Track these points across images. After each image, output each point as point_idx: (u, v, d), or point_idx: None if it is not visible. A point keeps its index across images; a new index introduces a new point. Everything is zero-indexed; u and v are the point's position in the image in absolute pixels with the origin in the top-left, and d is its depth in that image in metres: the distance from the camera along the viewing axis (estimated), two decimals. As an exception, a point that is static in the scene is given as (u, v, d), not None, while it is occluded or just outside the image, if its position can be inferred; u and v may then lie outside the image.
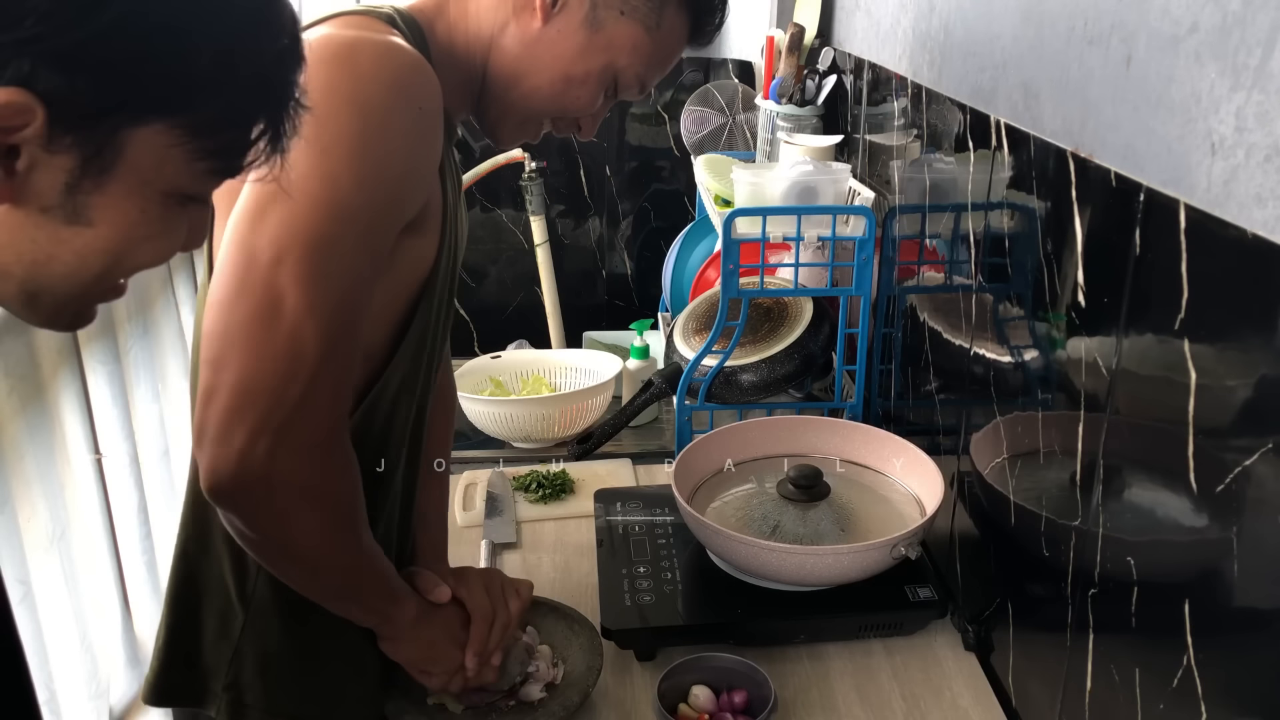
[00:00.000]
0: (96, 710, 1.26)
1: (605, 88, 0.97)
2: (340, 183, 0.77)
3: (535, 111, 0.97)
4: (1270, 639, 0.65)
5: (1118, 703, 0.83)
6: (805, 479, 1.22)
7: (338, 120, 0.77)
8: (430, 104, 0.84)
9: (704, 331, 1.57)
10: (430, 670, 0.98)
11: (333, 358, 0.78)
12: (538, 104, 0.96)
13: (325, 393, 0.78)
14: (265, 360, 0.76)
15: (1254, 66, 0.66)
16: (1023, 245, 1.00)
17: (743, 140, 2.00)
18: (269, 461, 0.76)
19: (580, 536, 1.40)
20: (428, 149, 0.85)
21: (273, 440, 0.76)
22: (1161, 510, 0.78)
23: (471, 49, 0.94)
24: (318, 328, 0.76)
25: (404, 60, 0.82)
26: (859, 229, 1.41)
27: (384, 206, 0.81)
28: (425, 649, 0.97)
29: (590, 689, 1.04)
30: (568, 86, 0.94)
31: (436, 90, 0.85)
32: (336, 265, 0.78)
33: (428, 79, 0.84)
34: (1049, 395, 0.96)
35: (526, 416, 1.72)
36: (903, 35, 1.37)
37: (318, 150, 0.76)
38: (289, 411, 0.76)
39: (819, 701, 1.09)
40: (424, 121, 0.83)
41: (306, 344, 0.76)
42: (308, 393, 0.76)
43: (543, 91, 0.95)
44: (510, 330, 2.19)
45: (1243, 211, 0.67)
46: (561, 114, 0.98)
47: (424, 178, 0.86)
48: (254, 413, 0.76)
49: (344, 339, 0.79)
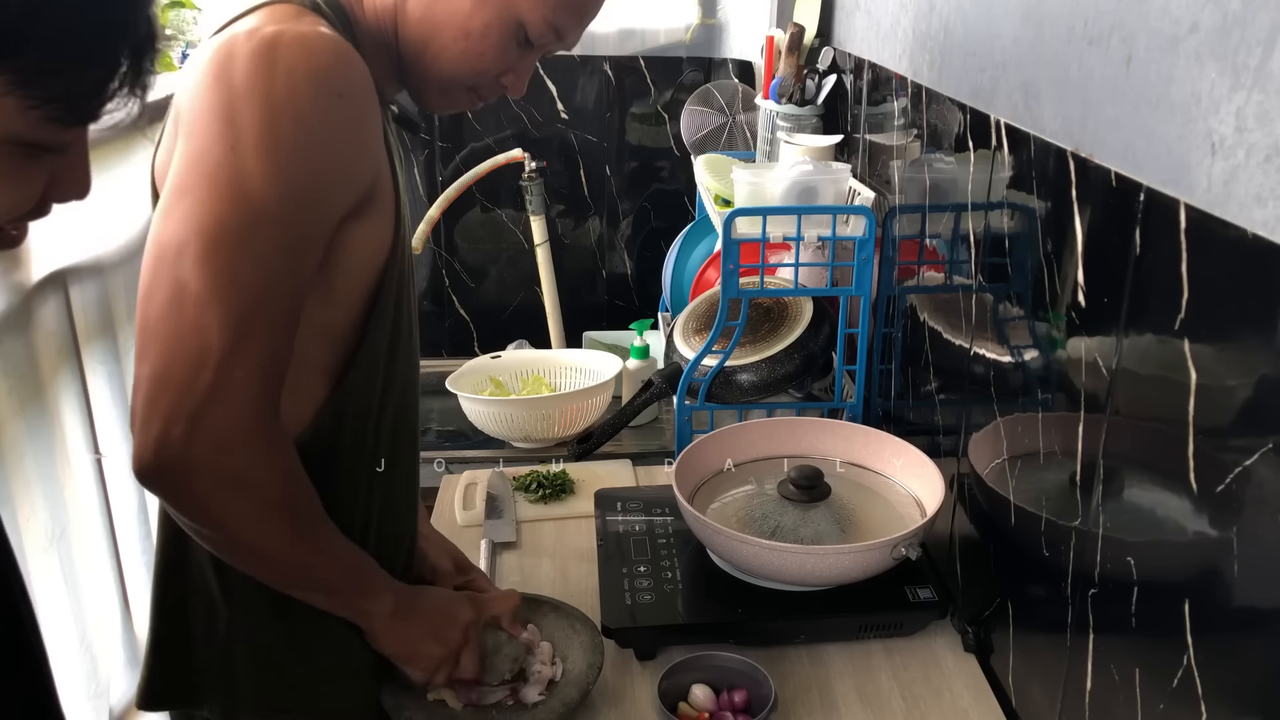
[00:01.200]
0: (96, 710, 1.26)
1: (513, 38, 0.94)
2: (249, 176, 0.78)
3: (449, 75, 0.96)
4: (1270, 639, 0.65)
5: (1118, 703, 0.83)
6: (806, 480, 1.22)
7: (250, 114, 0.78)
8: (353, 89, 0.84)
9: (704, 331, 1.57)
10: (412, 663, 0.99)
11: (244, 347, 0.78)
12: (448, 66, 0.95)
13: (240, 381, 0.78)
14: (174, 350, 0.77)
15: (1254, 66, 0.66)
16: (1023, 245, 1.00)
17: (743, 140, 2.00)
18: (185, 448, 0.77)
19: (580, 537, 1.40)
20: (358, 134, 0.86)
21: (186, 427, 0.77)
22: (1161, 510, 0.78)
23: (383, 22, 0.95)
24: (223, 317, 0.77)
25: (321, 48, 0.82)
26: (859, 229, 1.41)
27: (304, 198, 0.81)
28: (405, 643, 0.97)
29: (590, 687, 1.04)
30: (469, 42, 0.93)
31: (360, 75, 0.85)
32: (244, 257, 0.78)
33: (348, 64, 0.84)
34: (1049, 395, 0.96)
35: (526, 416, 1.72)
36: (903, 35, 1.37)
37: (228, 145, 0.78)
38: (200, 399, 0.77)
39: (819, 701, 1.09)
40: (348, 108, 0.83)
41: (211, 333, 0.77)
42: (218, 381, 0.77)
43: (449, 51, 0.94)
44: (510, 330, 2.19)
45: (1243, 211, 0.67)
46: (476, 74, 0.96)
47: (359, 163, 0.87)
48: (167, 401, 0.77)
49: (259, 329, 0.79)
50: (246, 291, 0.78)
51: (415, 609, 0.98)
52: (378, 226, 0.91)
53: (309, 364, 0.91)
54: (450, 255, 2.41)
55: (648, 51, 2.35)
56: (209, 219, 0.77)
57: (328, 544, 0.90)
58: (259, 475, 0.82)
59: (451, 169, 2.33)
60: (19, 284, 1.12)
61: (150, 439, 0.77)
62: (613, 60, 2.32)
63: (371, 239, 0.91)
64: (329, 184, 0.84)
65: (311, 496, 0.88)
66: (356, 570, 0.93)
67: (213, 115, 0.79)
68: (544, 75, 2.30)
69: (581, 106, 2.35)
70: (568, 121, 2.35)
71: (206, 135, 0.79)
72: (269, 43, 0.80)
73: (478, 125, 2.32)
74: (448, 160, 2.34)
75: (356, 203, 0.87)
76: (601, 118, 2.36)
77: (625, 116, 2.37)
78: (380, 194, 0.90)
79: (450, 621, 1.00)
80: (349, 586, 0.93)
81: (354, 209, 0.87)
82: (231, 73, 0.79)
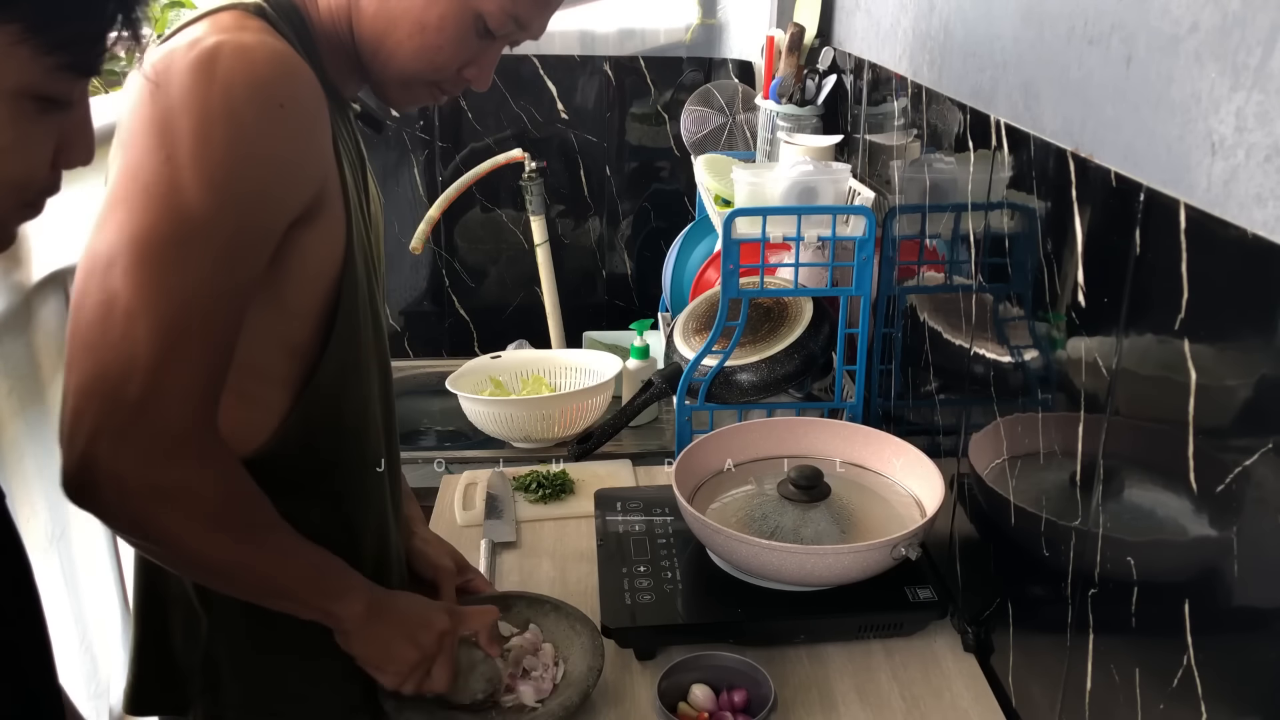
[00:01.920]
0: (96, 710, 1.26)
1: (471, 30, 0.91)
2: (183, 188, 0.77)
3: (407, 71, 0.93)
4: (1270, 639, 0.65)
5: (1118, 703, 0.83)
6: (806, 480, 1.22)
7: (185, 126, 0.77)
8: (296, 99, 0.82)
9: (704, 331, 1.57)
10: (383, 668, 0.97)
11: (174, 360, 0.77)
12: (406, 62, 0.93)
13: (170, 395, 0.77)
14: (100, 362, 0.76)
15: (1254, 66, 0.66)
16: (1023, 245, 1.00)
17: (743, 140, 2.00)
18: (112, 463, 0.76)
19: (580, 537, 1.40)
20: (300, 145, 0.84)
21: (113, 441, 0.76)
22: (1161, 510, 0.78)
23: (338, 19, 0.93)
24: (152, 329, 0.76)
25: (261, 58, 0.80)
26: (859, 229, 1.41)
27: (241, 210, 0.80)
28: (377, 645, 0.95)
29: (591, 689, 1.04)
30: (425, 36, 0.91)
31: (304, 84, 0.83)
32: (175, 268, 0.77)
33: (290, 74, 0.82)
34: (1049, 395, 0.96)
35: (526, 416, 1.72)
36: (903, 35, 1.37)
37: (163, 157, 0.77)
38: (128, 413, 0.76)
39: (819, 702, 1.09)
40: (289, 119, 0.82)
41: (139, 345, 0.76)
42: (147, 395, 0.76)
43: (405, 47, 0.92)
44: (510, 330, 2.19)
45: (1243, 211, 0.67)
46: (435, 69, 0.93)
47: (302, 174, 0.85)
48: (92, 414, 0.76)
49: (189, 342, 0.78)
50: (177, 303, 0.77)
51: (388, 611, 0.96)
52: (328, 235, 0.89)
53: (268, 375, 0.90)
54: (450, 255, 2.41)
55: (648, 51, 2.35)
56: (141, 230, 0.76)
57: (282, 550, 0.88)
58: (191, 489, 0.80)
59: (451, 169, 2.33)
60: (19, 284, 1.12)
61: (76, 454, 0.76)
62: (613, 60, 2.32)
63: (321, 247, 0.89)
64: (268, 196, 0.82)
65: (256, 505, 0.86)
66: (320, 574, 0.91)
67: (150, 127, 0.78)
68: (544, 75, 2.30)
69: (581, 106, 2.35)
70: (568, 121, 2.35)
71: (142, 147, 0.78)
72: (208, 54, 0.78)
73: (478, 125, 2.32)
74: (448, 160, 2.34)
75: (302, 213, 0.86)
76: (601, 118, 2.36)
77: (625, 116, 2.36)
78: (328, 202, 0.88)
79: (425, 626, 0.98)
80: (313, 591, 0.91)
81: (300, 218, 0.86)
82: (169, 84, 0.78)
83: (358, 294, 0.93)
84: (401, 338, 2.43)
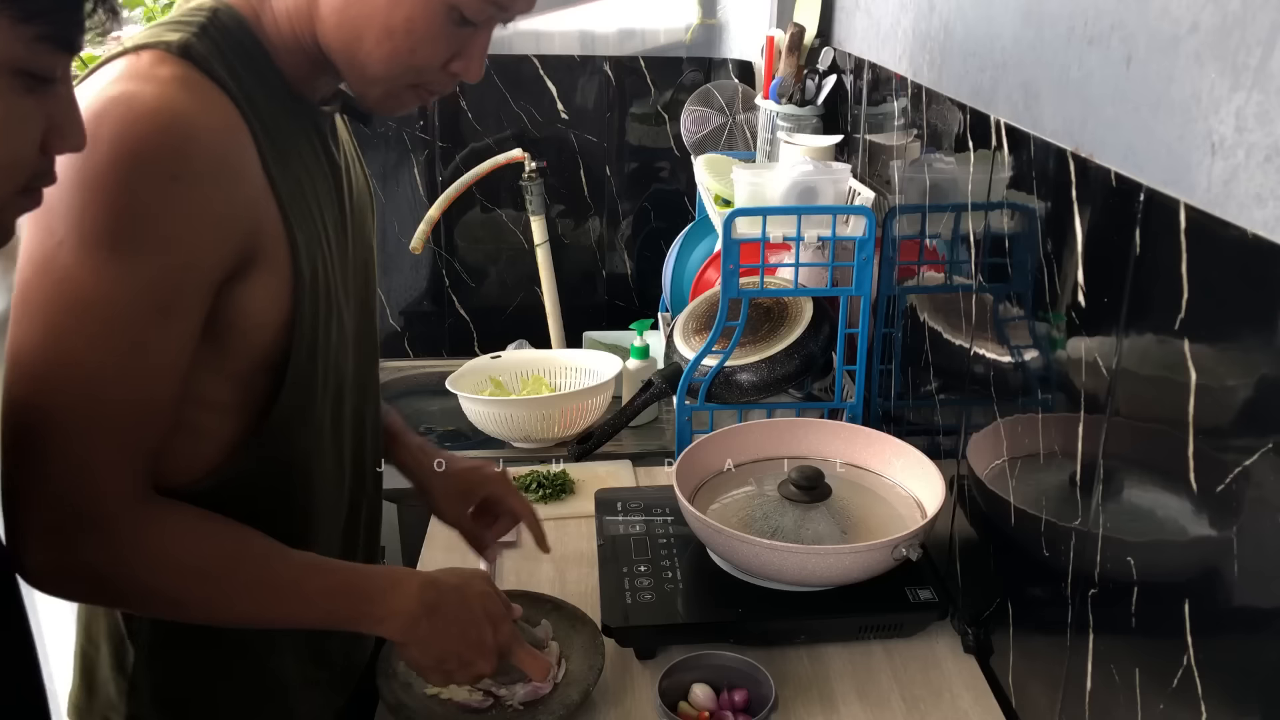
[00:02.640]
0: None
1: (445, 24, 0.83)
2: (74, 277, 0.74)
3: (386, 76, 0.86)
4: (1270, 639, 0.65)
5: (1118, 703, 0.83)
6: (806, 480, 1.22)
7: (74, 207, 0.73)
8: (189, 170, 0.75)
9: (704, 331, 1.57)
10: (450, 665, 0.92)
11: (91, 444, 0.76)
12: (381, 70, 0.85)
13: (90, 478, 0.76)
14: (6, 460, 0.76)
15: (1254, 66, 0.66)
16: (1023, 245, 1.00)
17: (743, 140, 2.00)
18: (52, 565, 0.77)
19: (580, 537, 1.40)
20: (202, 213, 0.77)
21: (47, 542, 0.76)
22: (1161, 510, 0.78)
23: (298, 27, 0.86)
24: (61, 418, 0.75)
25: (148, 127, 0.73)
26: (859, 229, 1.41)
27: (143, 289, 0.75)
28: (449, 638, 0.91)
29: (591, 688, 1.04)
30: (395, 41, 0.83)
31: (204, 147, 0.76)
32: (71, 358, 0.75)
33: (182, 141, 0.75)
34: (1049, 396, 0.96)
35: (526, 416, 1.72)
36: (903, 35, 1.37)
37: (48, 233, 0.74)
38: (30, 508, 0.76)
39: (819, 702, 1.09)
40: (185, 191, 0.75)
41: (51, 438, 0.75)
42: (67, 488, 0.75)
43: (376, 55, 0.84)
44: (510, 330, 2.19)
45: (1243, 211, 0.67)
46: (414, 71, 0.86)
47: (212, 240, 0.78)
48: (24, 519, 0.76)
49: (100, 425, 0.76)
50: (86, 389, 0.75)
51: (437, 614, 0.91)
52: (269, 282, 0.84)
53: (217, 408, 0.87)
54: (450, 255, 2.41)
55: (648, 51, 2.35)
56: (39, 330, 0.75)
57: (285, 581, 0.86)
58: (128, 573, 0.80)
59: (451, 169, 2.33)
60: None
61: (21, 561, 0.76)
62: (613, 60, 2.32)
63: (263, 296, 0.84)
64: (171, 269, 0.76)
65: (225, 552, 0.84)
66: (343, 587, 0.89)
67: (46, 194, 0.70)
68: (544, 75, 2.30)
69: (581, 106, 2.35)
70: (568, 121, 2.35)
71: (35, 220, 0.74)
72: (96, 115, 0.72)
73: (478, 125, 2.32)
74: (448, 160, 2.34)
75: (231, 270, 0.81)
76: (601, 118, 2.36)
77: (625, 116, 2.36)
78: (263, 252, 0.83)
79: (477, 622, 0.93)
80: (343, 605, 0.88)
81: (232, 274, 0.81)
82: None
83: (316, 331, 0.89)
84: (401, 338, 2.43)
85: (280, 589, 0.86)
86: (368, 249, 1.04)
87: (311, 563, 0.89)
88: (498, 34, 0.92)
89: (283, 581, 0.86)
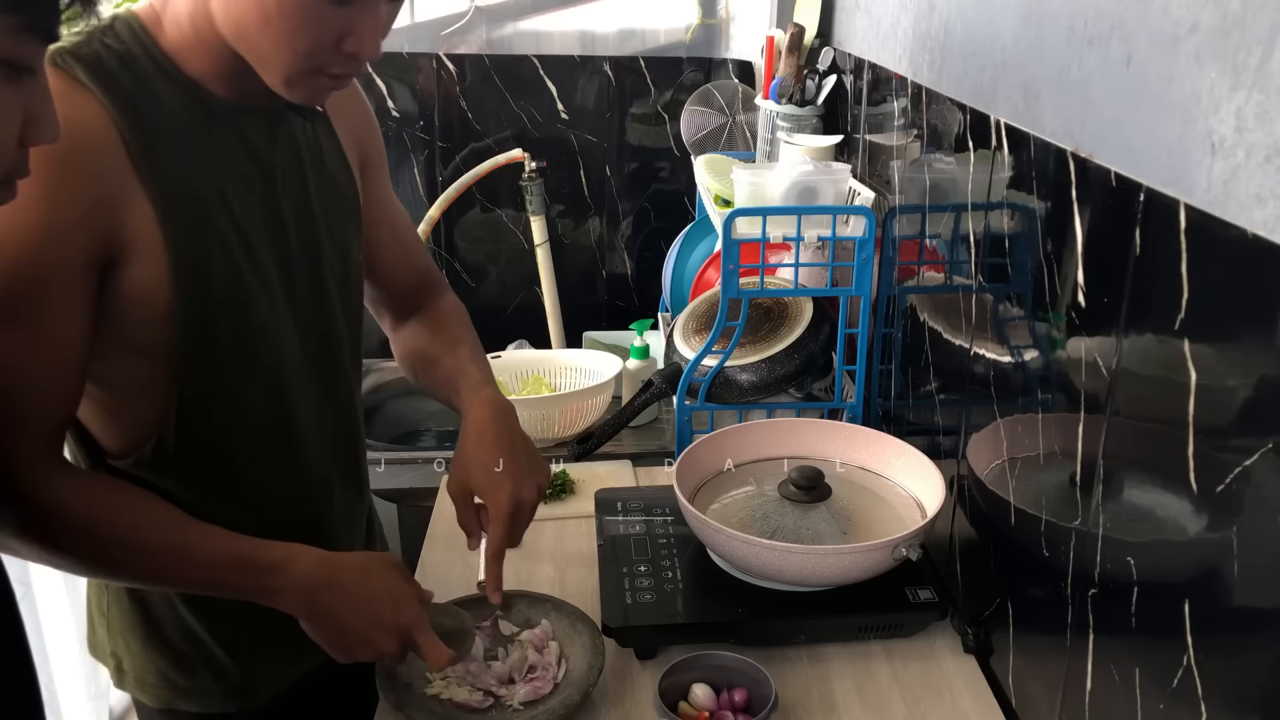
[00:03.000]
0: (96, 710, 1.26)
1: (319, 2, 0.83)
2: None
3: (281, 63, 0.86)
4: (1270, 639, 0.65)
5: (1118, 703, 0.83)
6: (807, 480, 1.22)
7: None
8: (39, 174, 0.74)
9: (704, 331, 1.57)
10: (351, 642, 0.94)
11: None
12: (272, 58, 0.86)
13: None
14: None
15: (1254, 66, 0.66)
16: (1023, 245, 1.00)
17: (743, 140, 2.00)
18: None
19: (580, 537, 1.40)
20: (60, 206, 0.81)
21: None
22: (1161, 510, 0.78)
23: (202, 30, 0.87)
24: None
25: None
26: (859, 229, 1.41)
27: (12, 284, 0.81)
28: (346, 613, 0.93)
29: (591, 687, 1.04)
30: (274, 26, 0.83)
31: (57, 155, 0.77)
32: None
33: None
34: (1049, 396, 0.96)
35: (526, 416, 1.72)
36: (903, 35, 1.37)
37: None
38: None
39: (819, 702, 1.09)
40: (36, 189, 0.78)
41: None
42: None
43: (262, 44, 0.85)
44: (510, 330, 2.19)
45: (1243, 211, 0.67)
46: (304, 56, 0.85)
47: (71, 230, 0.83)
48: None
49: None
50: None
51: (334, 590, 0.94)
52: (146, 273, 0.88)
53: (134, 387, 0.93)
54: (450, 255, 2.41)
55: (648, 51, 2.35)
56: None
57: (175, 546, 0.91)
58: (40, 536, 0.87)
59: (451, 169, 2.33)
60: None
61: None
62: (613, 60, 2.32)
63: (141, 285, 0.88)
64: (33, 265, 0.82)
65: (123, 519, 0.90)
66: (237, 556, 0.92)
67: None
68: (544, 75, 2.30)
69: (581, 106, 2.35)
70: (568, 121, 2.35)
71: None
72: None
73: (478, 125, 2.32)
74: (448, 160, 2.34)
75: (97, 261, 0.85)
76: (601, 118, 2.36)
77: (625, 116, 2.37)
78: (134, 244, 0.86)
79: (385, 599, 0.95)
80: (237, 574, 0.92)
81: (104, 264, 0.86)
82: None
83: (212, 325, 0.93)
84: (401, 338, 2.43)
85: (173, 553, 0.91)
86: (337, 246, 1.06)
87: (208, 532, 0.92)
88: (498, 34, 0.92)
89: (173, 546, 0.91)
